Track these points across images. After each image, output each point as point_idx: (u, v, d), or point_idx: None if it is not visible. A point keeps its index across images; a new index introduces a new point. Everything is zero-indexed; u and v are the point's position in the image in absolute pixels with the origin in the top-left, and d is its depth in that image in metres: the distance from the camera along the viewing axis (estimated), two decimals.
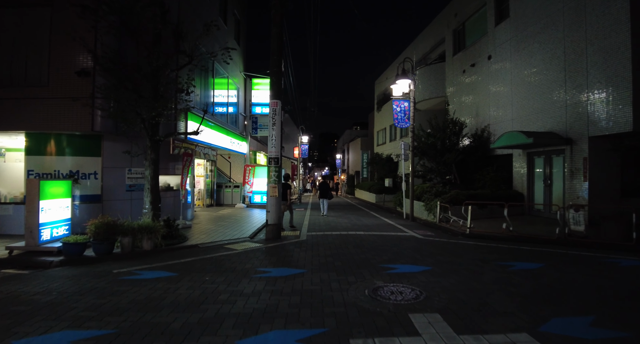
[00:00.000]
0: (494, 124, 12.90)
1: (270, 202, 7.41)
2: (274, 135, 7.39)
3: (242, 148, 14.86)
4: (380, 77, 28.19)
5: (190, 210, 11.14)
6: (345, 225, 10.10)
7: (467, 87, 14.87)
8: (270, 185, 7.44)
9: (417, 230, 9.16)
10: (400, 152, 18.67)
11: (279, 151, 7.45)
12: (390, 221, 11.27)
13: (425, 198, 11.49)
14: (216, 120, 12.03)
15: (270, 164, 7.43)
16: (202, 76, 11.21)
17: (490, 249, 6.63)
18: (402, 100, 11.78)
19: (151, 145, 7.24)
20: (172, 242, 7.10)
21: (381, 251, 6.22)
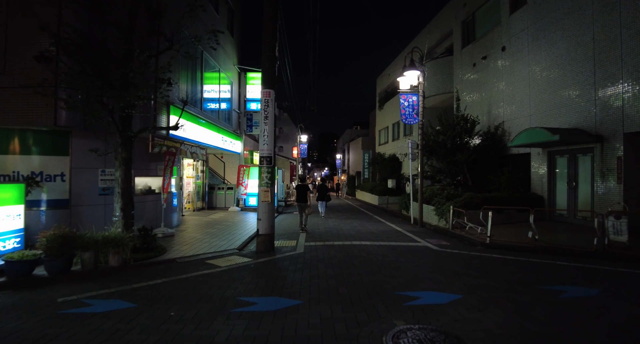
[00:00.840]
0: (509, 121, 11.86)
1: (261, 208, 6.35)
2: (266, 130, 6.34)
3: (236, 147, 13.80)
4: (383, 74, 27.16)
5: (176, 215, 10.08)
6: (348, 232, 9.04)
7: (477, 82, 13.83)
8: (262, 188, 6.38)
9: (430, 239, 8.10)
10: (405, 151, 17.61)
11: (272, 149, 6.39)
12: (397, 227, 10.22)
13: (435, 202, 10.44)
14: (206, 116, 10.97)
15: (263, 164, 6.38)
16: (189, 68, 10.15)
17: (522, 265, 5.58)
18: (410, 93, 10.73)
19: (122, 142, 6.18)
20: (147, 256, 6.04)
21: (394, 269, 5.16)
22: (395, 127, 23.46)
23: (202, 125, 10.28)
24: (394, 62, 24.20)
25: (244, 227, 9.66)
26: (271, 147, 6.38)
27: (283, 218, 12.64)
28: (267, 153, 6.37)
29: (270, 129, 6.40)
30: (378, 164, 24.92)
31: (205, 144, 10.58)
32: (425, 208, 10.87)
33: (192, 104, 10.18)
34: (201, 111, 10.65)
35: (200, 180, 13.91)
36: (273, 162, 6.40)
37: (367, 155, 28.94)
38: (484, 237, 7.90)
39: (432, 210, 10.66)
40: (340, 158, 46.56)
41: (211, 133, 11.04)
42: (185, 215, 12.08)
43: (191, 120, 9.40)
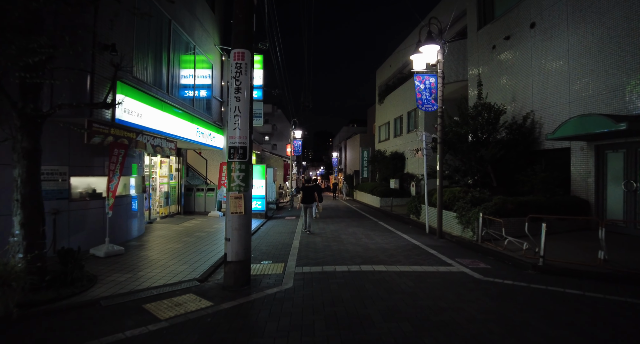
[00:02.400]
0: (540, 110, 9.97)
1: (231, 223, 4.33)
2: (237, 108, 4.33)
3: (216, 141, 11.76)
4: (383, 65, 25.23)
5: (136, 224, 8.03)
6: (352, 248, 7.06)
7: (499, 66, 11.93)
8: (231, 194, 4.35)
9: (461, 259, 6.16)
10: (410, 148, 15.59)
11: (248, 136, 4.38)
12: (411, 238, 8.27)
13: (458, 208, 8.50)
14: (175, 101, 8.91)
15: (233, 158, 4.35)
16: (153, 41, 8.09)
17: (629, 313, 3.65)
18: (427, 74, 8.78)
19: (21, 125, 4.14)
20: (58, 295, 4.02)
21: (438, 327, 3.20)
22: (398, 121, 21.55)
23: (170, 111, 8.23)
24: (396, 51, 22.27)
25: (219, 240, 7.63)
26: (245, 133, 4.36)
27: (272, 225, 10.63)
28: (239, 142, 4.35)
29: (245, 108, 4.38)
30: (378, 162, 22.99)
31: (174, 136, 8.53)
32: (445, 214, 8.94)
33: (157, 86, 8.12)
34: (168, 94, 8.59)
35: (175, 180, 11.84)
36: (248, 154, 4.37)
37: (365, 153, 27.01)
38: (531, 256, 6.00)
39: (453, 217, 8.74)
40: (336, 157, 44.61)
41: (182, 123, 8.99)
42: (154, 223, 10.02)
43: (152, 104, 7.35)
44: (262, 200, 12.35)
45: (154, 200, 10.98)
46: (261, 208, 12.33)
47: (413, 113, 19.16)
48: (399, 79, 21.92)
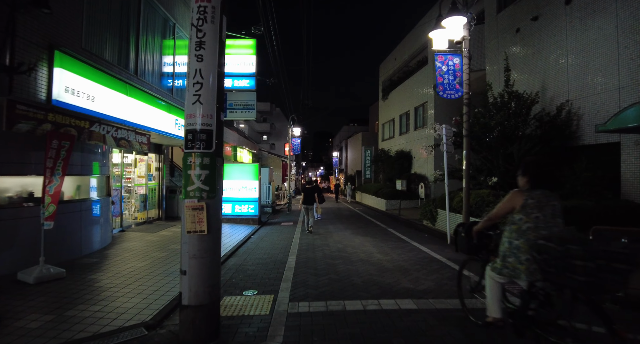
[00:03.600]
0: (579, 99, 8.51)
1: (188, 248, 2.84)
2: (199, 72, 2.86)
3: None
4: (387, 59, 23.79)
5: (98, 233, 6.55)
6: (363, 267, 5.58)
7: (524, 51, 10.48)
8: (188, 202, 2.87)
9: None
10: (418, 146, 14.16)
11: (215, 115, 2.90)
12: (432, 252, 6.80)
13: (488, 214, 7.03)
14: (148, 86, 7.44)
15: (191, 148, 2.87)
16: (116, 11, 6.63)
17: None
18: (450, 54, 7.32)
19: None
20: None
21: None
22: (404, 118, 20.10)
23: (139, 97, 6.76)
24: (402, 43, 20.82)
25: None
26: (210, 111, 2.88)
27: (265, 234, 9.14)
28: (201, 124, 2.86)
29: (210, 72, 2.91)
30: (382, 162, 21.53)
31: (145, 127, 7.06)
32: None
33: (121, 66, 6.65)
34: (137, 77, 7.11)
35: (155, 181, 10.36)
36: (215, 143, 2.89)
37: (368, 152, 25.54)
38: None
39: None
40: (337, 157, 43.19)
41: (157, 113, 7.52)
42: (127, 231, 8.54)
43: (113, 86, 5.88)
44: (255, 204, 10.88)
45: (130, 204, 9.50)
46: (254, 212, 10.85)
47: (421, 109, 17.72)
48: (404, 73, 20.47)
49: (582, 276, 2.07)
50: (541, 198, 2.57)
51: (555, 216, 2.55)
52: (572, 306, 2.25)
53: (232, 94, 10.88)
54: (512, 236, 2.62)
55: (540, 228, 2.51)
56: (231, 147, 20.04)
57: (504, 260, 2.68)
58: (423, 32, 17.56)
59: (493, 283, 2.84)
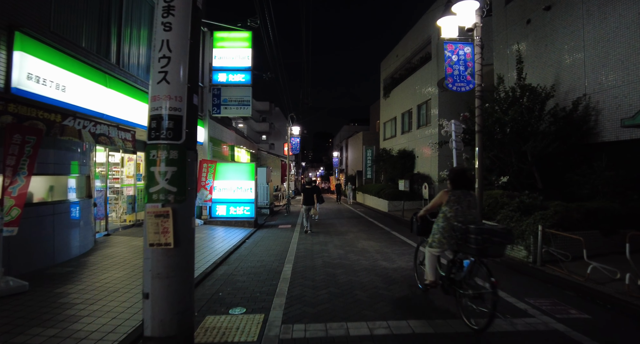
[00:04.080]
0: (599, 92, 7.92)
1: (152, 265, 2.25)
2: (166, 44, 2.29)
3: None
4: (388, 56, 23.21)
5: (79, 238, 5.98)
6: (368, 278, 5.00)
7: (535, 44, 9.89)
8: (150, 208, 2.26)
9: (534, 299, 4.08)
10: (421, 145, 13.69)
11: (186, 96, 2.31)
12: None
13: (504, 217, 6.45)
14: (131, 78, 6.86)
15: (155, 137, 2.28)
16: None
17: None
18: (461, 43, 6.73)
19: None
20: None
21: None
22: (406, 116, 19.51)
23: (120, 89, 6.18)
24: (404, 39, 20.23)
25: None
26: (180, 91, 2.29)
27: (261, 238, 8.55)
28: (168, 108, 2.26)
29: (181, 44, 2.32)
30: (384, 162, 20.94)
31: (128, 123, 6.47)
32: None
33: (101, 55, 6.06)
34: (119, 67, 6.53)
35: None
36: (184, 132, 2.29)
37: (369, 152, 24.95)
38: (637, 293, 3.97)
39: None
40: (337, 157, 42.63)
41: (143, 108, 6.94)
42: (113, 235, 7.95)
43: (89, 76, 5.31)
44: (251, 205, 10.29)
45: (117, 205, 8.92)
46: (250, 214, 10.26)
47: (424, 107, 17.13)
48: (407, 70, 19.88)
49: (474, 245, 3.15)
50: (459, 195, 3.66)
51: (470, 207, 3.65)
52: (473, 267, 3.34)
53: (227, 89, 10.30)
54: (440, 221, 3.75)
55: (458, 215, 3.58)
56: (228, 146, 19.47)
57: (433, 236, 3.80)
58: (426, 27, 16.99)
59: (429, 255, 3.91)
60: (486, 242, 3.11)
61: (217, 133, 16.83)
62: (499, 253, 3.22)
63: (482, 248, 3.13)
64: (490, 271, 3.09)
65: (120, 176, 8.94)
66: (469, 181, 3.83)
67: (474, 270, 3.34)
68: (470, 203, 3.64)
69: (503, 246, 3.20)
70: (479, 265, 3.24)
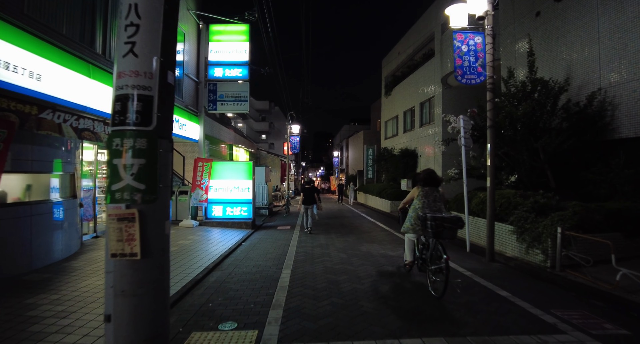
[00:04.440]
0: (615, 86, 7.49)
1: (115, 280, 1.82)
2: (134, 9, 1.86)
3: (190, 131, 9.28)
4: (390, 54, 22.79)
5: (63, 241, 5.55)
6: (373, 285, 4.58)
7: (545, 37, 9.46)
8: (111, 209, 1.83)
9: (561, 310, 3.66)
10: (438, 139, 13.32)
11: (158, 72, 1.90)
12: (451, 262, 5.76)
13: (518, 218, 6.01)
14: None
15: (120, 122, 1.86)
16: None
17: None
18: (471, 32, 6.30)
19: None
20: None
21: None
22: (408, 115, 19.08)
23: (106, 81, 5.75)
24: (406, 36, 19.81)
25: (179, 268, 5.12)
26: (148, 66, 1.87)
27: (258, 240, 8.12)
28: (135, 86, 1.86)
29: (150, 7, 1.89)
30: (385, 161, 20.51)
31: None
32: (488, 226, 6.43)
33: (85, 43, 5.63)
34: (105, 58, 6.09)
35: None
36: (152, 116, 1.87)
37: (370, 151, 24.53)
38: None
39: (509, 232, 6.25)
40: (337, 156, 42.22)
41: None
42: (103, 237, 7.52)
43: (69, 65, 4.88)
44: (249, 206, 9.86)
45: (100, 209, 8.49)
46: (247, 215, 9.82)
47: (427, 105, 16.70)
48: (409, 67, 19.46)
49: (431, 229, 4.04)
50: (428, 191, 4.58)
51: (436, 201, 4.54)
52: (435, 247, 4.13)
53: (223, 84, 9.86)
54: (411, 211, 4.69)
55: (425, 207, 4.47)
56: (227, 145, 19.03)
57: (405, 224, 4.77)
58: (430, 23, 16.57)
59: (407, 240, 4.92)
60: (439, 227, 4.02)
61: (215, 132, 16.41)
62: (451, 236, 4.08)
63: (437, 232, 4.05)
64: (445, 249, 3.95)
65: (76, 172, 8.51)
66: (436, 181, 4.74)
67: (436, 249, 4.15)
68: (436, 198, 4.59)
69: (454, 230, 4.06)
70: (438, 245, 4.08)
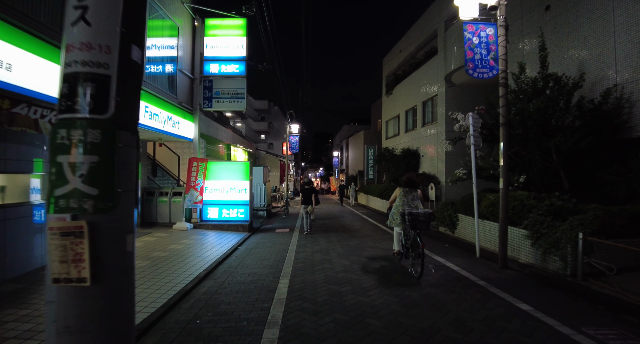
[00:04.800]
0: (632, 82, 7.09)
1: (56, 310, 1.40)
2: None
3: (184, 130, 8.86)
4: (391, 52, 22.39)
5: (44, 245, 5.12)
6: (381, 298, 4.16)
7: (555, 31, 9.06)
8: (54, 220, 1.41)
9: (594, 329, 3.24)
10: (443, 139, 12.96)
11: (119, 47, 1.49)
12: (459, 268, 5.37)
13: (532, 221, 5.60)
14: None
15: (68, 109, 1.46)
16: None
17: None
18: (482, 23, 5.89)
19: None
20: None
21: None
22: (410, 114, 18.68)
23: None
24: (408, 34, 19.41)
25: (161, 277, 4.70)
26: (107, 37, 1.48)
27: (255, 245, 7.70)
28: (87, 62, 1.45)
29: None
30: (386, 161, 20.09)
31: None
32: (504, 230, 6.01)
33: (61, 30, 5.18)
34: None
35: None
36: (109, 100, 1.48)
37: (371, 151, 24.12)
38: None
39: (523, 237, 5.84)
40: (337, 157, 41.82)
41: None
42: None
43: (47, 56, 4.46)
44: (246, 208, 9.44)
45: None
46: (244, 217, 9.41)
47: (430, 103, 16.30)
48: (411, 66, 19.06)
49: (408, 222, 4.98)
50: (407, 191, 5.62)
51: (414, 200, 5.55)
52: (414, 237, 5.00)
53: (219, 81, 9.45)
54: (394, 209, 5.69)
55: (404, 204, 5.46)
56: (224, 145, 18.61)
57: (390, 219, 5.80)
58: (432, 20, 16.17)
59: (395, 232, 5.84)
60: (415, 221, 4.94)
61: (212, 131, 15.98)
62: (425, 228, 4.98)
63: (413, 224, 4.96)
64: (421, 238, 4.81)
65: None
66: (415, 183, 5.82)
67: (414, 239, 4.99)
68: (414, 197, 5.60)
69: (427, 223, 4.96)
70: (416, 235, 4.95)
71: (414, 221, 4.91)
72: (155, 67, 8.10)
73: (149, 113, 6.99)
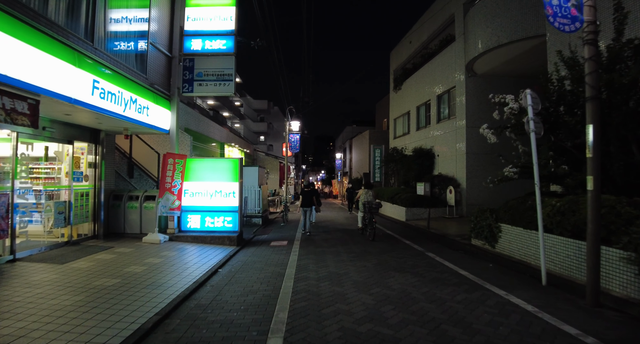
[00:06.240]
0: None
1: None
2: None
3: (156, 118, 7.15)
4: (400, 44, 20.73)
5: None
6: None
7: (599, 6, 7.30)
8: None
9: None
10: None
11: None
12: (528, 305, 3.62)
13: (636, 241, 3.80)
14: (26, 12, 4.28)
15: None
16: None
17: None
18: None
19: None
20: None
21: None
22: (422, 110, 16.96)
23: (9, 31, 3.63)
24: (419, 23, 17.72)
25: (84, 336, 2.92)
26: None
27: (242, 264, 5.94)
28: None
29: None
30: (395, 163, 18.36)
31: (27, 86, 3.92)
32: (577, 247, 4.22)
33: None
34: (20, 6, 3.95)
35: (87, 182, 7.18)
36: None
37: (378, 152, 22.37)
38: None
39: (620, 260, 4.03)
40: (340, 159, 40.11)
41: (53, 62, 4.39)
42: (25, 260, 5.37)
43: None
44: (234, 215, 7.69)
45: (37, 216, 6.33)
46: (232, 227, 7.66)
47: (446, 97, 14.58)
48: (422, 57, 17.38)
49: (366, 210, 8.89)
50: (367, 190, 9.41)
51: (369, 196, 9.17)
52: (370, 218, 8.63)
53: (203, 60, 7.73)
54: (359, 202, 9.53)
55: (364, 199, 9.11)
56: (217, 143, 16.89)
57: (358, 208, 9.82)
58: (447, 4, 14.48)
59: (359, 215, 9.83)
60: (371, 208, 8.66)
61: (203, 127, 14.25)
62: (375, 212, 8.82)
63: (369, 209, 8.67)
64: (373, 217, 8.59)
65: (44, 174, 6.38)
66: (370, 185, 10.11)
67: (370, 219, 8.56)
68: (370, 194, 9.18)
69: (376, 209, 8.90)
70: (371, 216, 8.54)
71: (370, 209, 8.71)
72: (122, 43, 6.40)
73: (98, 90, 5.25)
